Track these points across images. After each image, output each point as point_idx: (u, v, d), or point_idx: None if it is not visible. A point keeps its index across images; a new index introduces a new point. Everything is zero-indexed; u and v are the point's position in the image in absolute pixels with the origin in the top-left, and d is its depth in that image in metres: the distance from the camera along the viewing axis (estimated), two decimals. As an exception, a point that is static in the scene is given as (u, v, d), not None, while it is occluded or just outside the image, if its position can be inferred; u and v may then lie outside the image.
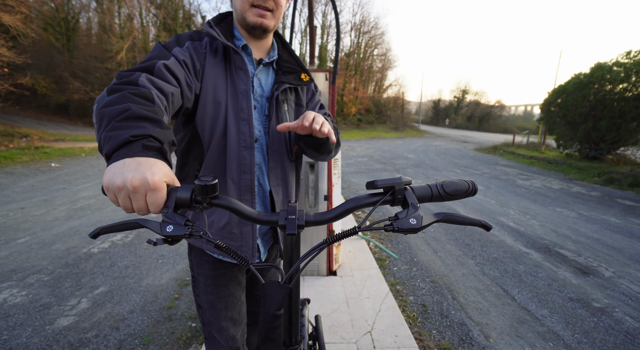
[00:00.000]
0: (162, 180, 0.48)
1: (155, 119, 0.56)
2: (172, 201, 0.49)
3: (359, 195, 0.57)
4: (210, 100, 0.82)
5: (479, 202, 5.29)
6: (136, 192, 0.46)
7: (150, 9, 21.45)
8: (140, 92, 0.60)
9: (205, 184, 0.49)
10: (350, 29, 30.09)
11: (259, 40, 0.91)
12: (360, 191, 5.99)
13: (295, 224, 0.54)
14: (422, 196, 0.54)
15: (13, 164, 7.50)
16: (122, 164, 0.48)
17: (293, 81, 0.91)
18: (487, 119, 35.98)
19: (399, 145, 15.65)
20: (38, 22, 16.79)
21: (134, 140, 0.51)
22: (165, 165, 0.51)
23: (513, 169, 9.14)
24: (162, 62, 0.71)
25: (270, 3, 0.82)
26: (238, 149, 0.85)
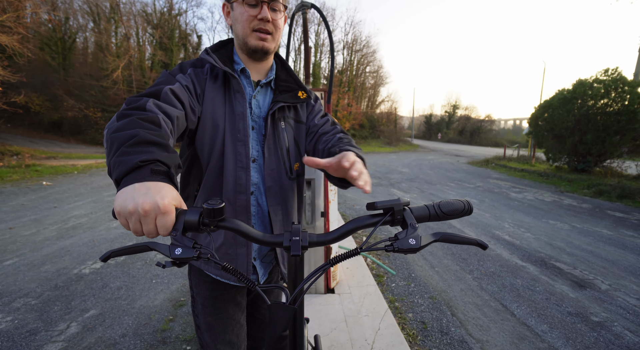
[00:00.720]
0: (172, 204, 0.50)
1: (162, 144, 0.59)
2: (180, 224, 0.51)
3: (360, 216, 0.59)
4: (209, 122, 0.85)
5: (474, 216, 5.33)
6: (147, 216, 0.48)
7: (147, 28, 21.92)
8: (148, 117, 0.63)
9: (213, 207, 0.51)
10: (343, 47, 31.08)
11: (259, 63, 0.93)
12: (357, 206, 6.00)
13: (300, 245, 0.55)
14: (420, 216, 0.56)
15: (2, 182, 7.36)
16: (133, 189, 0.49)
17: (289, 99, 0.92)
18: (478, 133, 36.80)
19: (393, 160, 15.83)
20: (35, 42, 16.96)
21: (143, 165, 0.53)
22: (173, 189, 0.53)
23: (505, 182, 9.29)
24: (168, 87, 0.74)
25: (270, 26, 0.86)
26: (234, 170, 0.87)
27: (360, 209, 5.80)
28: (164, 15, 22.53)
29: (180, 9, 23.54)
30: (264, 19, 0.83)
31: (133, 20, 21.17)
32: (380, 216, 0.57)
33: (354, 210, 5.71)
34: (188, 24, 24.83)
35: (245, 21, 0.84)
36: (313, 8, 2.15)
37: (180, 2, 23.77)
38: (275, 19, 0.86)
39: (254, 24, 0.84)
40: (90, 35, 21.48)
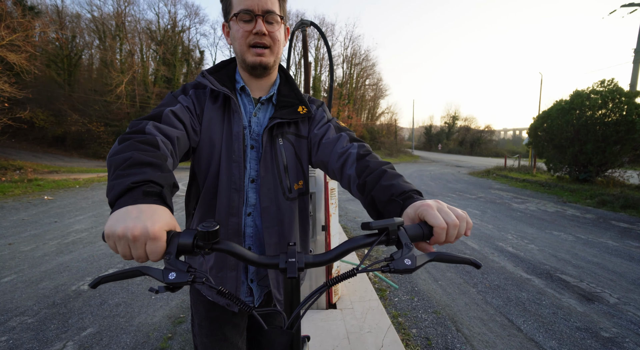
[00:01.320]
0: (163, 230, 0.49)
1: (156, 164, 0.59)
2: (174, 247, 0.50)
3: (356, 237, 0.59)
4: (206, 142, 0.85)
5: (477, 227, 5.28)
6: (136, 241, 0.47)
7: (151, 45, 22.48)
8: (145, 139, 0.64)
9: (207, 230, 0.50)
10: (342, 61, 31.73)
11: (261, 79, 0.91)
12: (358, 218, 5.96)
13: (296, 267, 0.54)
14: (414, 235, 0.56)
15: (4, 197, 7.38)
16: (125, 212, 0.49)
17: (286, 116, 0.88)
18: (478, 143, 36.96)
19: (393, 171, 15.83)
20: (42, 59, 17.39)
21: (135, 187, 0.53)
22: (166, 212, 0.52)
23: (507, 192, 9.25)
24: (169, 109, 0.76)
25: (267, 39, 0.83)
26: (228, 191, 0.85)
27: (362, 220, 5.76)
28: (167, 32, 23.19)
29: (183, 26, 24.27)
30: (259, 32, 0.81)
31: (137, 37, 21.77)
32: (375, 236, 0.56)
33: (355, 222, 5.68)
34: (191, 40, 25.50)
35: (241, 37, 0.83)
36: (312, 26, 2.21)
37: (184, 19, 24.53)
38: (272, 31, 0.83)
39: (249, 39, 0.82)
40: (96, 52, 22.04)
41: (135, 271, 0.50)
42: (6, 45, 11.18)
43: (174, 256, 0.49)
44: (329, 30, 30.66)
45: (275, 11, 0.82)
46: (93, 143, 17.97)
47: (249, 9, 0.79)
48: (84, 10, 21.44)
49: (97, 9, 21.38)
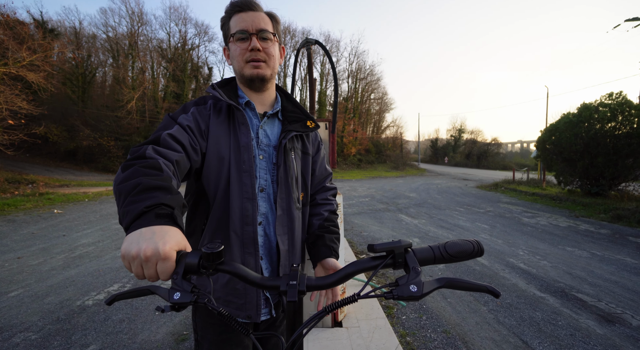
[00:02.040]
0: (173, 250, 0.52)
1: (165, 187, 0.62)
2: (181, 267, 0.52)
3: (360, 260, 0.58)
4: (214, 156, 0.87)
5: (486, 242, 5.15)
6: (148, 262, 0.50)
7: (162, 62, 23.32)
8: (149, 164, 0.67)
9: (211, 251, 0.51)
10: (348, 76, 32.31)
11: (261, 94, 0.97)
12: (364, 233, 5.88)
13: (296, 290, 0.53)
14: (423, 259, 0.54)
15: (16, 211, 7.52)
16: (139, 234, 0.53)
17: (300, 128, 0.96)
18: (485, 156, 36.65)
19: (400, 184, 15.74)
20: (58, 77, 18.14)
21: (148, 211, 0.56)
22: (178, 232, 0.55)
23: (517, 206, 9.06)
24: (166, 133, 0.78)
25: (262, 55, 0.90)
26: (240, 201, 0.88)
27: (368, 235, 5.69)
28: (177, 50, 24.07)
29: (193, 43, 25.18)
30: (254, 48, 0.89)
31: (149, 55, 22.66)
32: (381, 259, 0.55)
33: (361, 237, 5.60)
34: (200, 57, 26.37)
35: (239, 55, 0.90)
36: (317, 44, 2.27)
37: (194, 37, 25.40)
38: (266, 47, 0.91)
39: (246, 56, 0.90)
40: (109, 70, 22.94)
41: (145, 290, 0.53)
42: (26, 65, 11.72)
43: (180, 276, 0.51)
44: (334, 46, 31.44)
45: (267, 29, 0.91)
46: (103, 157, 18.39)
47: (244, 29, 0.88)
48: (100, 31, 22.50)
49: (112, 30, 22.44)
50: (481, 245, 0.56)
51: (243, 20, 0.89)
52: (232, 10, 0.91)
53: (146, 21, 23.18)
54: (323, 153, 1.10)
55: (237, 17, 0.90)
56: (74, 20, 27.04)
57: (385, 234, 5.75)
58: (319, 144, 1.09)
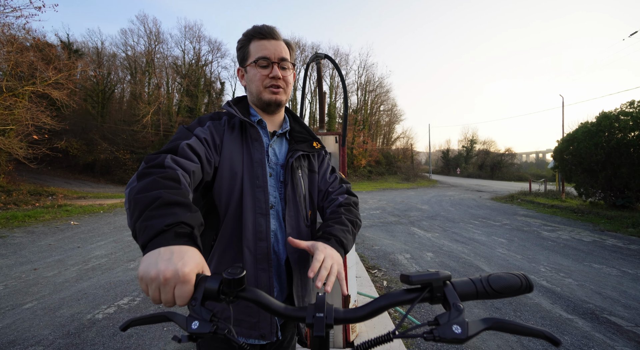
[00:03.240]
0: (193, 272, 0.50)
1: (185, 203, 0.61)
2: (200, 293, 0.49)
3: (393, 291, 0.52)
4: (227, 171, 0.87)
5: (503, 257, 4.93)
6: (167, 284, 0.48)
7: (176, 78, 24.26)
8: (168, 175, 0.66)
9: (233, 277, 0.48)
10: (357, 88, 32.63)
11: (273, 115, 1.00)
12: (375, 247, 5.74)
13: (324, 323, 0.49)
14: (464, 293, 0.48)
15: (36, 222, 7.75)
16: (157, 254, 0.51)
17: (306, 149, 0.98)
18: (499, 167, 35.83)
19: (411, 196, 15.48)
20: (80, 94, 19.08)
21: (167, 230, 0.55)
22: (197, 253, 0.54)
23: (535, 219, 8.71)
24: (185, 142, 0.78)
25: (281, 82, 0.94)
26: (254, 216, 0.87)
27: (380, 249, 5.55)
28: (192, 66, 25.01)
29: (206, 60, 26.13)
30: (275, 76, 0.92)
31: (164, 72, 23.66)
32: (417, 292, 0.49)
33: (372, 251, 5.46)
34: (212, 72, 27.29)
35: (258, 80, 0.93)
36: (326, 58, 2.28)
37: (207, 54, 26.39)
38: (285, 75, 0.95)
39: (266, 82, 0.93)
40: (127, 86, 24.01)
41: (162, 316, 0.50)
42: (52, 83, 12.38)
43: (199, 303, 0.48)
44: (342, 60, 31.96)
45: (288, 59, 0.95)
46: (119, 170, 18.98)
47: (267, 56, 0.91)
48: (120, 50, 23.79)
49: (131, 49, 23.63)
50: (529, 280, 0.49)
51: (265, 48, 0.92)
52: (254, 36, 0.93)
53: (162, 40, 24.33)
54: (327, 165, 1.09)
55: (258, 43, 0.92)
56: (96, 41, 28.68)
57: (397, 248, 5.60)
58: (323, 158, 1.09)
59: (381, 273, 4.31)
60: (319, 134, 2.24)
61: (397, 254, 5.22)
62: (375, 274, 4.29)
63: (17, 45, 11.66)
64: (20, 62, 11.80)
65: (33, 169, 14.74)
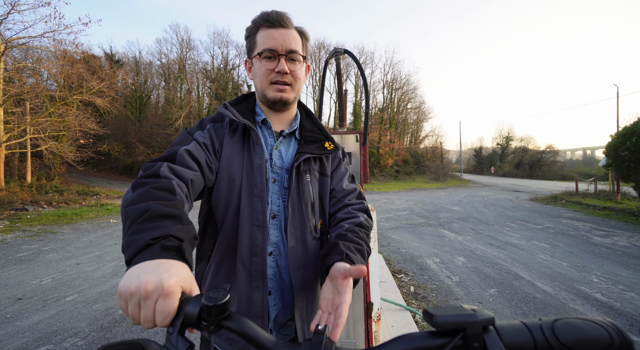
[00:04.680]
0: (178, 285, 0.44)
1: (176, 215, 0.56)
2: (179, 319, 0.42)
3: (416, 334, 0.38)
4: (225, 177, 0.81)
5: (546, 264, 4.48)
6: (148, 298, 0.42)
7: (206, 82, 25.40)
8: (161, 185, 0.62)
9: (213, 303, 0.40)
10: (383, 86, 31.94)
11: (281, 113, 0.91)
12: (402, 250, 5.50)
13: None
14: (515, 345, 0.34)
15: (81, 220, 8.41)
16: (142, 267, 0.46)
17: (315, 151, 0.87)
18: (538, 165, 33.24)
19: (441, 197, 14.80)
20: (120, 101, 20.65)
21: (153, 243, 0.50)
22: (184, 268, 0.49)
23: (584, 222, 7.89)
24: (183, 148, 0.73)
25: (289, 77, 0.84)
26: (250, 229, 0.80)
27: (407, 252, 5.30)
28: (220, 71, 26.00)
29: (234, 64, 27.04)
30: (281, 71, 0.82)
31: (195, 77, 24.86)
32: (446, 338, 0.35)
33: (399, 253, 5.24)
34: (240, 76, 28.18)
35: (263, 75, 0.84)
36: (346, 53, 2.16)
37: (234, 58, 27.28)
38: (294, 70, 0.85)
39: (272, 77, 0.83)
40: (162, 92, 25.55)
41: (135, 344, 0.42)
42: (96, 92, 13.45)
43: (176, 331, 0.40)
44: (368, 58, 31.42)
45: (298, 51, 0.84)
46: (155, 171, 20.32)
47: (273, 48, 0.81)
48: (155, 58, 25.46)
49: (165, 56, 25.16)
50: (624, 336, 0.32)
51: (273, 38, 0.81)
52: (261, 24, 0.83)
53: (193, 46, 25.67)
54: (344, 169, 0.97)
55: (266, 32, 0.82)
56: (135, 51, 30.87)
57: (425, 252, 5.31)
58: (340, 161, 0.97)
59: (408, 278, 4.10)
60: (339, 133, 2.13)
61: (426, 258, 4.95)
62: (401, 278, 4.08)
63: (68, 59, 12.80)
64: (70, 73, 12.94)
65: (81, 171, 16.12)
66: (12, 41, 10.78)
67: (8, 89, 11.03)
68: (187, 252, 0.53)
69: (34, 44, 11.31)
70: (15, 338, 2.62)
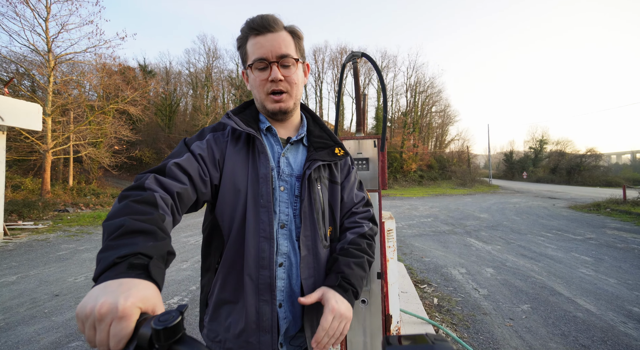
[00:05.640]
0: (136, 306, 0.42)
1: (149, 231, 0.55)
2: (133, 343, 0.40)
3: None
4: (229, 188, 0.79)
5: (589, 280, 4.07)
6: (102, 321, 0.41)
7: (231, 90, 26.42)
8: (143, 198, 0.61)
9: (163, 326, 0.37)
10: (406, 90, 31.37)
11: (284, 121, 0.90)
12: (426, 258, 5.26)
13: None
14: None
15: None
16: (104, 287, 0.45)
17: (326, 157, 0.86)
18: (577, 170, 30.91)
19: (468, 203, 14.13)
20: (151, 109, 21.94)
21: (120, 262, 0.49)
22: (149, 287, 0.47)
23: (634, 234, 7.15)
24: (173, 161, 0.72)
25: (284, 85, 0.82)
26: (257, 240, 0.77)
27: (430, 261, 5.06)
28: (245, 78, 27.00)
29: (258, 71, 28.04)
30: (274, 79, 0.80)
31: (220, 85, 25.95)
32: None
33: (422, 263, 5.01)
34: (263, 82, 29.20)
35: (259, 86, 0.82)
36: (364, 57, 2.10)
37: (259, 65, 28.31)
38: (288, 75, 0.82)
39: (267, 87, 0.82)
40: (189, 100, 26.91)
41: None
42: (130, 101, 14.37)
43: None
44: (390, 61, 31.08)
45: (289, 54, 0.80)
46: (183, 175, 21.49)
47: (263, 57, 0.79)
48: (184, 68, 27.01)
49: (193, 66, 26.50)
50: None
51: (261, 46, 0.79)
52: (249, 32, 0.81)
53: (219, 55, 26.80)
54: (354, 178, 0.97)
55: (254, 40, 0.80)
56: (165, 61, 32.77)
57: (451, 261, 5.04)
58: (349, 168, 0.97)
59: (431, 289, 3.89)
60: (356, 138, 2.06)
61: (451, 268, 4.69)
62: (424, 289, 3.88)
63: (107, 71, 13.82)
64: (108, 84, 13.95)
65: (115, 175, 17.19)
66: (61, 57, 11.82)
67: (56, 100, 12.06)
68: (155, 271, 0.51)
69: (78, 59, 12.32)
70: (50, 333, 2.76)
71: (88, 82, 14.14)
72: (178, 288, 3.93)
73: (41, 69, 11.50)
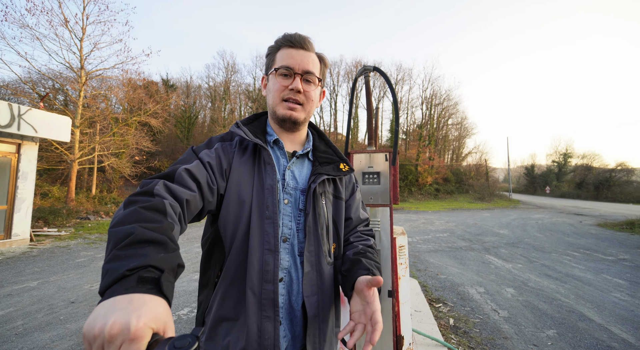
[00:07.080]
0: (148, 327, 0.41)
1: (160, 241, 0.53)
2: None
3: None
4: (234, 199, 0.78)
5: (624, 306, 3.76)
6: (112, 342, 0.39)
7: (248, 102, 27.27)
8: (152, 205, 0.59)
9: None
10: (421, 102, 31.19)
11: (292, 133, 0.90)
12: (441, 275, 5.04)
13: None
14: None
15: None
16: (112, 303, 0.43)
17: (331, 172, 0.87)
18: (606, 185, 29.28)
19: (486, 218, 13.60)
20: (171, 121, 22.90)
21: (130, 274, 0.47)
22: (161, 304, 0.45)
23: (668, 255, 6.62)
24: (183, 167, 0.71)
25: (301, 97, 0.84)
26: (261, 253, 0.75)
27: (446, 279, 4.85)
28: (261, 91, 27.76)
29: (274, 85, 28.95)
30: (294, 89, 0.83)
31: (238, 98, 26.85)
32: None
33: (437, 280, 4.80)
34: (277, 95, 30.12)
35: (276, 91, 0.85)
36: (375, 70, 2.11)
37: (274, 80, 29.31)
38: (308, 90, 0.86)
39: (284, 94, 0.84)
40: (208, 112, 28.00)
41: None
42: (151, 113, 15.05)
43: None
44: (406, 74, 31.09)
45: (314, 72, 0.86)
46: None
47: (290, 66, 0.83)
48: (203, 82, 28.25)
49: (212, 80, 27.67)
50: None
51: (292, 57, 0.84)
52: (283, 43, 0.86)
53: (237, 70, 27.98)
54: (359, 197, 0.99)
55: (286, 51, 0.85)
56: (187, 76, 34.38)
57: (468, 279, 4.81)
58: (354, 187, 0.98)
59: (447, 308, 3.70)
60: (367, 152, 2.04)
61: (468, 287, 4.47)
62: (439, 308, 3.70)
63: (132, 85, 14.60)
64: (132, 98, 14.70)
65: (134, 185, 17.81)
66: (92, 73, 12.63)
67: (84, 113, 12.80)
68: (166, 285, 0.48)
69: (107, 75, 13.12)
70: (64, 340, 2.81)
71: (115, 96, 14.97)
72: (188, 299, 3.93)
73: (74, 85, 12.29)
